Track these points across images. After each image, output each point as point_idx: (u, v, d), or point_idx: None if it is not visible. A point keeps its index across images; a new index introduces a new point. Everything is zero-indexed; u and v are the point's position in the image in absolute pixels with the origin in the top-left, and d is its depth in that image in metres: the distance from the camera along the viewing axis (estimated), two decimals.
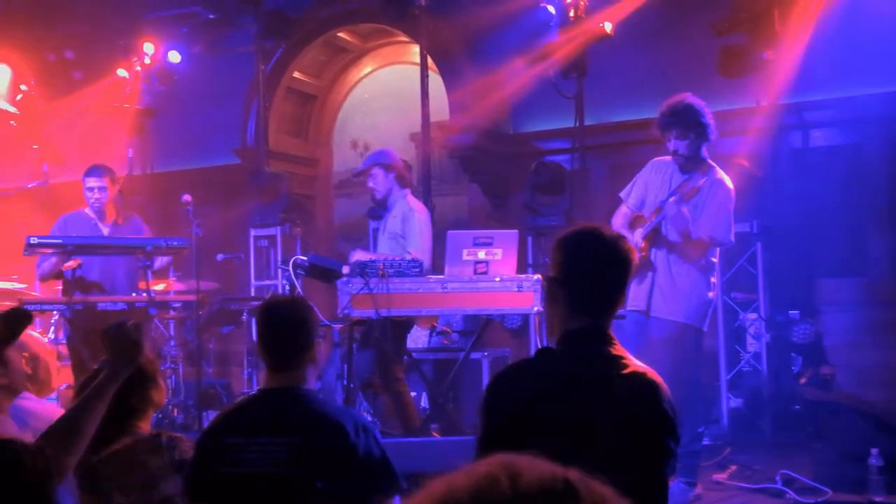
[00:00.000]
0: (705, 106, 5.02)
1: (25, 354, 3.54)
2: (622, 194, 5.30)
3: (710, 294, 5.08)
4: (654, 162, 5.27)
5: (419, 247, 5.78)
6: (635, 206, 5.21)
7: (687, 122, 4.95)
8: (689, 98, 5.04)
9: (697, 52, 7.67)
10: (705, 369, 6.61)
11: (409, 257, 5.58)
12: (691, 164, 5.01)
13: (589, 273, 2.43)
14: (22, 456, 1.96)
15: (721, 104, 7.79)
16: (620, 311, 3.12)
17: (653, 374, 2.37)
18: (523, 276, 5.54)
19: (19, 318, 2.96)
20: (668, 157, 5.14)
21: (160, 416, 6.38)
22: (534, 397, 2.31)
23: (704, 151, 5.05)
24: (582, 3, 7.54)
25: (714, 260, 5.16)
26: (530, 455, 0.89)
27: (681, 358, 4.93)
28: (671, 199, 4.87)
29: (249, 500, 2.65)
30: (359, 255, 5.76)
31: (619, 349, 2.40)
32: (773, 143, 7.57)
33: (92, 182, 6.19)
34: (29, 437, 3.41)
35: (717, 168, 5.07)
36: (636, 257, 2.48)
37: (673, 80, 7.85)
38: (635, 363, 2.38)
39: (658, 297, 5.02)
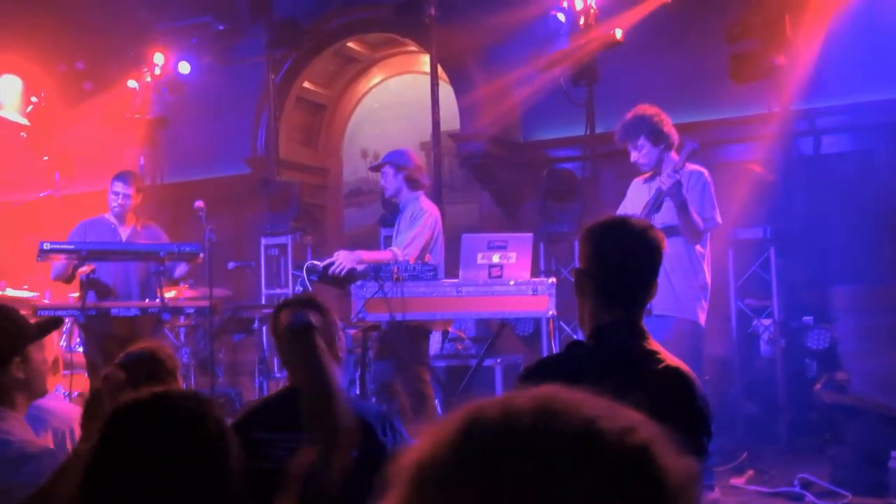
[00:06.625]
0: (659, 112, 5.07)
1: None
2: None
3: (704, 285, 5.02)
4: (632, 183, 5.36)
5: (405, 242, 5.66)
6: None
7: (635, 131, 5.04)
8: (639, 109, 5.10)
9: (709, 58, 7.67)
10: (718, 373, 6.59)
11: (422, 261, 5.55)
12: (658, 170, 5.04)
13: (618, 264, 2.40)
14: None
15: (733, 110, 7.83)
16: None
17: (686, 369, 2.35)
18: (538, 279, 5.52)
19: (53, 322, 3.00)
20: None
21: None
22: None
23: (672, 155, 5.05)
24: (592, 10, 7.54)
25: (704, 252, 5.08)
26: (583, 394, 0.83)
27: (679, 353, 4.88)
28: (665, 174, 4.81)
29: (275, 495, 2.62)
30: (363, 253, 5.74)
31: (652, 343, 2.37)
32: (784, 149, 7.57)
33: (118, 187, 6.23)
34: (48, 438, 3.38)
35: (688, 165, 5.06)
36: (665, 246, 2.45)
37: (684, 86, 7.86)
38: (669, 358, 2.36)
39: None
